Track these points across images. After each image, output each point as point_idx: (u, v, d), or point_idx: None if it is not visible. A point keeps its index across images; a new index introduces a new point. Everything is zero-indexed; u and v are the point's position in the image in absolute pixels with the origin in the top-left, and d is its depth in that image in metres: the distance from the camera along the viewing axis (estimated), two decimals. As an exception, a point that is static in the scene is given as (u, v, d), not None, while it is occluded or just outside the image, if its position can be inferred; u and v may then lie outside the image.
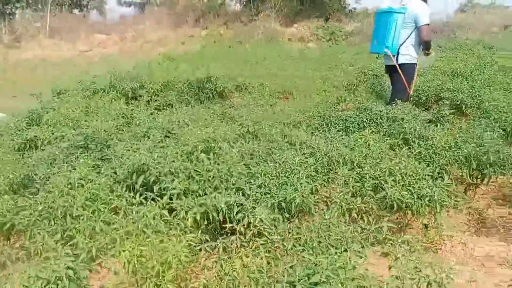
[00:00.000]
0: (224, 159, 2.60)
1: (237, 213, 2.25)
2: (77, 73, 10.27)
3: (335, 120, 3.82)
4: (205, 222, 2.35)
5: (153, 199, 2.29)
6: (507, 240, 2.76)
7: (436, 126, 3.69)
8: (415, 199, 2.37)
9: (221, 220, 2.31)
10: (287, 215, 2.33)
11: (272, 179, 2.55)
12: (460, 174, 3.00)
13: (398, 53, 4.47)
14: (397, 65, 4.45)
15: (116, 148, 3.15)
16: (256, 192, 2.44)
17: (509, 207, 3.11)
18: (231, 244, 1.99)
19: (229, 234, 2.21)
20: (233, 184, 2.50)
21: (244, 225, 2.07)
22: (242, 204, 2.28)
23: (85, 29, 19.69)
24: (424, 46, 4.46)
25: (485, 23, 17.22)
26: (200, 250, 1.97)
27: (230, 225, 2.13)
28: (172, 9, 21.23)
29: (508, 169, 2.78)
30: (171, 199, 2.39)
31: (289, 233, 2.04)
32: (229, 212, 2.28)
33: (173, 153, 2.70)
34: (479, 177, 2.98)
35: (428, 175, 2.63)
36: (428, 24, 4.31)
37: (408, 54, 4.46)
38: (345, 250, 1.88)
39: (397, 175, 2.54)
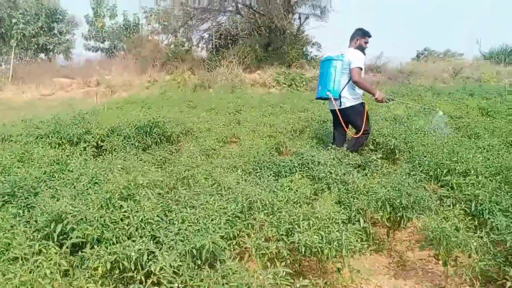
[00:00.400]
0: (141, 206, 2.62)
1: (148, 261, 2.26)
2: (31, 116, 10.15)
3: (269, 164, 3.93)
4: (117, 271, 2.35)
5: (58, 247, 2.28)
6: (423, 283, 2.85)
7: (364, 170, 3.86)
8: (324, 243, 2.45)
9: (133, 269, 2.30)
10: (199, 262, 2.35)
11: (190, 225, 2.58)
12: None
13: (340, 97, 4.82)
14: (337, 110, 4.79)
15: (42, 195, 3.13)
16: (172, 240, 2.46)
17: (429, 250, 3.21)
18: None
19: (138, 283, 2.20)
20: (149, 232, 2.51)
21: (145, 273, 2.07)
22: (153, 252, 2.29)
23: (50, 73, 19.67)
24: (357, 86, 4.75)
25: (437, 70, 18.21)
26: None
27: (130, 274, 2.13)
28: (138, 55, 21.55)
29: (419, 212, 2.91)
30: (84, 247, 2.38)
31: (191, 280, 2.05)
32: (141, 260, 2.29)
33: (93, 200, 2.71)
34: (397, 220, 3.10)
35: (342, 219, 2.72)
36: (359, 68, 4.67)
37: (351, 97, 4.81)
38: (243, 297, 1.92)
39: (311, 219, 2.63)
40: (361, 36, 4.91)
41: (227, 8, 22.16)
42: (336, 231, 2.52)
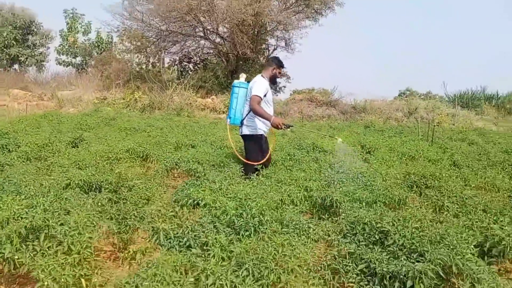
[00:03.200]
0: None
1: None
2: None
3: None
4: None
5: None
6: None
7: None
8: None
9: None
10: None
11: None
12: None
13: (242, 124, 4.75)
14: (229, 138, 4.95)
15: None
16: None
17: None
18: None
19: None
20: None
21: None
22: None
23: (12, 84, 19.71)
24: (253, 113, 4.63)
25: (392, 108, 18.09)
26: None
27: None
28: (102, 71, 21.62)
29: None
30: None
31: None
32: None
33: None
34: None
35: None
36: (258, 96, 4.56)
37: (251, 125, 4.72)
38: None
39: None
40: (278, 66, 4.84)
41: (197, 33, 22.30)
42: None
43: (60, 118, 10.01)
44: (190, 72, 23.49)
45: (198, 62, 24.17)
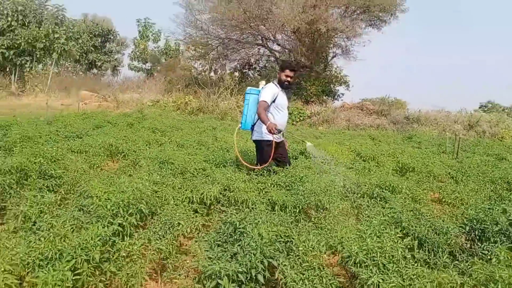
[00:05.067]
0: None
1: None
2: None
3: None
4: None
5: None
6: None
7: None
8: None
9: None
10: None
11: None
12: None
13: (252, 129, 4.87)
14: (235, 142, 5.16)
15: None
16: None
17: None
18: None
19: None
20: None
21: None
22: None
23: (86, 86, 21.60)
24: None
25: (450, 120, 16.87)
26: None
27: None
28: (165, 76, 22.87)
29: None
30: None
31: None
32: None
33: None
34: None
35: None
36: (264, 101, 4.62)
37: (260, 131, 4.77)
38: None
39: None
40: (280, 70, 4.88)
41: (256, 41, 22.70)
42: None
43: (95, 117, 10.77)
44: (249, 79, 23.96)
45: (258, 69, 24.58)
